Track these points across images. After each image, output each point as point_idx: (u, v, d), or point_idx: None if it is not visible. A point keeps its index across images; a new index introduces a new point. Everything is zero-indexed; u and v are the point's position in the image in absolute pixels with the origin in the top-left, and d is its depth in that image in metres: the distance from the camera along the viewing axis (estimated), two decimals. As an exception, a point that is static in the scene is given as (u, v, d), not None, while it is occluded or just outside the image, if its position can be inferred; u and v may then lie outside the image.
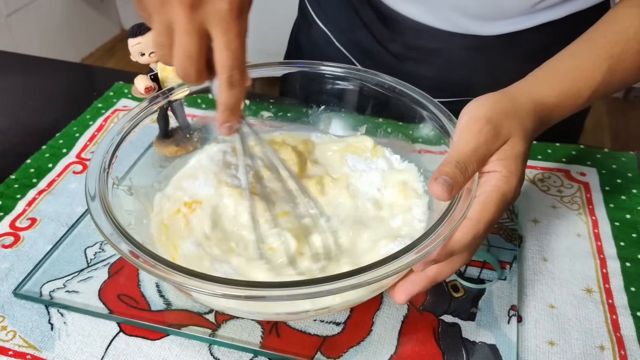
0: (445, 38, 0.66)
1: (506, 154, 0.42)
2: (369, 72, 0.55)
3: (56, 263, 0.51)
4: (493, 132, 0.41)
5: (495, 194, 0.40)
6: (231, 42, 0.38)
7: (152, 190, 0.52)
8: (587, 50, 0.50)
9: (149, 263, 0.38)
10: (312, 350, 0.44)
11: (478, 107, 0.43)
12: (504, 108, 0.43)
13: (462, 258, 0.41)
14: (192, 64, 0.39)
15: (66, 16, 2.33)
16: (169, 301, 0.48)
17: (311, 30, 0.77)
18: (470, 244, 0.40)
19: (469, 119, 0.43)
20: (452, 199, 0.40)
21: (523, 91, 0.46)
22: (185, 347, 0.45)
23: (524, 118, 0.44)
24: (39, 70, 0.82)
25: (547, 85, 0.47)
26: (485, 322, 0.47)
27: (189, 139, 0.59)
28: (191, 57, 0.38)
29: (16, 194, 0.59)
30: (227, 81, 0.39)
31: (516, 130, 0.43)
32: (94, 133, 0.67)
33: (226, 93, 0.40)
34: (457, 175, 0.39)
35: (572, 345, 0.45)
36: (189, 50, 0.38)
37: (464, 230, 0.39)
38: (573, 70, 0.48)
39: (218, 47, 0.38)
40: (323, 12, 0.76)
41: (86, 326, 0.46)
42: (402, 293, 0.41)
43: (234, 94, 0.40)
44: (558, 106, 0.47)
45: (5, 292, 0.49)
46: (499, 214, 0.40)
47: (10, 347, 0.45)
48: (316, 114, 0.60)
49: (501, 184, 0.40)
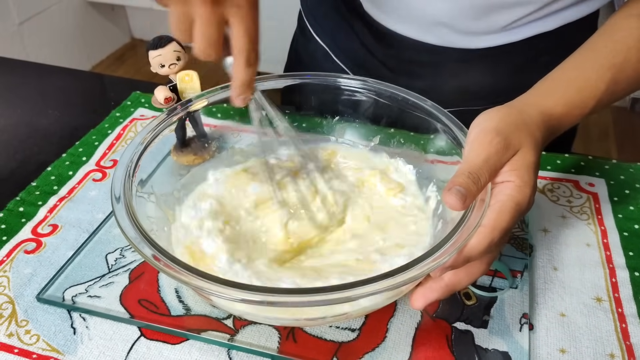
0: (436, 52, 0.68)
1: (518, 164, 0.43)
2: (383, 84, 0.57)
3: (78, 268, 0.53)
4: (503, 143, 0.43)
5: (509, 203, 0.41)
6: (248, 29, 0.43)
7: (172, 198, 0.54)
8: (590, 60, 0.51)
9: (171, 267, 0.39)
10: (328, 356, 0.46)
11: (487, 120, 0.45)
12: (513, 120, 0.45)
13: (479, 268, 0.43)
14: (212, 48, 0.44)
15: (77, 24, 2.36)
16: (188, 307, 0.49)
17: (310, 45, 0.80)
18: (486, 251, 0.41)
19: (479, 131, 0.44)
20: (466, 208, 0.41)
21: (530, 103, 0.48)
22: (204, 351, 0.46)
23: (533, 129, 0.45)
24: (56, 80, 0.84)
25: (553, 96, 0.49)
26: (497, 329, 0.48)
27: (206, 148, 0.60)
28: (212, 43, 0.44)
29: (37, 201, 0.60)
30: (246, 62, 0.45)
31: (526, 141, 0.44)
32: (113, 142, 0.69)
33: (244, 71, 0.46)
34: (470, 186, 0.41)
35: (583, 353, 0.46)
36: (210, 36, 0.43)
37: (479, 238, 0.40)
38: (577, 80, 0.50)
39: (237, 33, 0.44)
40: (320, 28, 0.78)
41: (108, 330, 0.48)
42: (420, 299, 0.42)
43: (250, 72, 0.46)
44: (565, 116, 0.48)
45: (29, 297, 0.50)
46: (514, 222, 0.42)
47: (34, 351, 0.46)
48: (330, 125, 0.61)
49: (515, 193, 0.42)
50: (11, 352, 0.46)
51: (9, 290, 0.51)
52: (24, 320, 0.49)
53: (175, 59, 0.56)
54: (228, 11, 0.42)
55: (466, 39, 0.65)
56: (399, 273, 0.38)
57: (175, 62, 0.56)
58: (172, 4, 0.43)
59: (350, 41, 0.74)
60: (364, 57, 0.74)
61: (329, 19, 0.77)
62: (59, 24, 2.27)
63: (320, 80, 0.59)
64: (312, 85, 0.59)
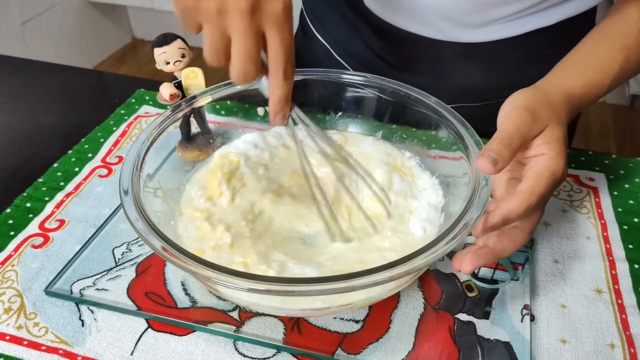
0: (436, 47, 0.69)
1: (549, 138, 0.46)
2: (385, 79, 0.58)
3: (85, 262, 0.53)
4: (532, 117, 0.46)
5: (546, 172, 0.44)
6: (285, 40, 0.42)
7: (178, 192, 0.54)
8: (603, 43, 0.55)
9: (179, 258, 0.40)
10: (333, 346, 0.46)
11: (516, 100, 0.49)
12: (539, 99, 0.48)
13: (522, 237, 0.46)
14: (252, 63, 0.42)
15: (79, 25, 2.37)
16: (195, 299, 0.50)
17: (311, 44, 0.81)
18: (523, 215, 0.44)
19: (509, 109, 0.47)
20: (498, 172, 0.44)
21: (552, 84, 0.51)
22: (211, 342, 0.47)
23: (557, 108, 0.49)
24: (61, 78, 0.85)
25: (572, 77, 0.53)
26: (499, 320, 0.48)
27: (210, 144, 0.61)
28: (251, 58, 0.42)
29: (44, 197, 0.61)
30: (283, 75, 0.44)
31: (553, 118, 0.47)
32: (118, 138, 0.70)
33: (282, 85, 0.44)
34: (501, 150, 0.44)
35: (584, 343, 0.47)
36: (249, 51, 0.41)
37: (518, 202, 0.43)
38: (593, 62, 0.54)
39: (273, 45, 0.42)
40: (322, 27, 0.79)
41: (116, 322, 0.48)
42: (469, 263, 0.44)
43: (287, 85, 0.45)
44: (584, 95, 0.52)
45: (37, 291, 0.51)
46: (550, 190, 0.45)
47: (43, 343, 0.47)
48: (334, 120, 0.62)
49: (550, 164, 0.45)
50: (20, 344, 0.47)
51: (17, 283, 0.52)
52: (32, 313, 0.49)
53: (180, 56, 0.57)
54: (265, 22, 0.41)
55: (467, 33, 0.66)
56: (400, 264, 0.39)
57: (180, 59, 0.57)
58: (206, 23, 0.41)
59: (352, 39, 0.75)
60: (366, 54, 0.74)
61: (331, 17, 0.77)
62: (60, 24, 2.28)
63: (323, 77, 0.60)
64: (314, 81, 0.60)
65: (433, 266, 0.53)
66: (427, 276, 0.52)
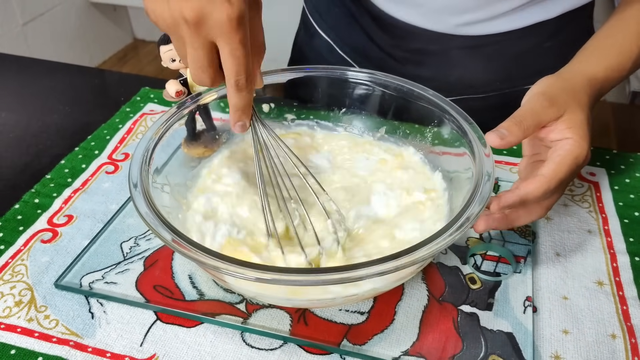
0: (440, 40, 0.70)
1: (572, 122, 0.48)
2: (389, 76, 0.58)
3: (94, 256, 0.54)
4: (548, 101, 0.48)
5: (568, 156, 0.46)
6: (234, 50, 0.42)
7: (185, 187, 0.55)
8: (621, 29, 0.57)
9: (188, 249, 0.41)
10: (339, 337, 0.47)
11: (536, 86, 0.51)
12: (559, 85, 0.50)
13: (538, 211, 0.49)
14: (204, 72, 0.43)
15: (80, 25, 2.38)
16: (202, 292, 0.51)
17: (314, 41, 0.81)
18: (542, 198, 0.46)
19: (529, 95, 0.50)
20: (507, 146, 0.46)
21: (575, 71, 0.53)
22: (219, 334, 0.48)
23: (578, 92, 0.50)
24: (66, 77, 0.86)
25: (594, 62, 0.54)
26: (502, 312, 0.49)
27: (215, 141, 0.62)
28: (202, 67, 0.43)
29: (52, 193, 0.62)
30: (235, 86, 0.44)
31: (572, 102, 0.49)
32: (124, 136, 0.71)
33: (235, 96, 0.45)
34: (511, 126, 0.47)
35: (585, 334, 0.48)
36: (199, 61, 0.43)
37: (537, 185, 0.45)
38: (613, 47, 0.56)
39: (223, 55, 0.43)
40: (325, 23, 0.80)
41: (125, 315, 0.49)
42: (483, 223, 0.47)
43: (242, 97, 0.45)
44: (607, 79, 0.54)
45: (47, 284, 0.52)
46: (571, 174, 0.47)
47: (54, 335, 0.48)
48: (337, 117, 0.63)
49: (574, 148, 0.47)
50: (32, 335, 0.48)
51: (27, 277, 0.53)
52: (42, 306, 0.50)
53: (186, 54, 0.57)
54: (213, 33, 0.41)
55: (471, 26, 0.67)
56: (405, 255, 0.40)
57: (186, 56, 0.58)
58: (171, 36, 0.44)
59: (355, 34, 0.76)
60: (369, 48, 0.75)
61: (334, 13, 0.78)
62: (62, 24, 2.28)
63: (327, 73, 0.60)
64: (318, 78, 0.61)
65: (436, 259, 0.54)
66: (431, 269, 0.53)
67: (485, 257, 0.55)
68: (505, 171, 0.65)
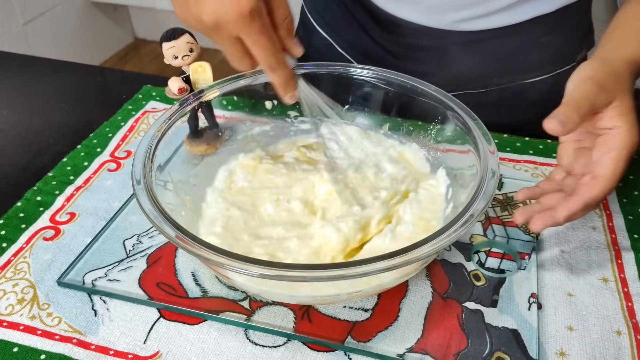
0: (438, 36, 0.70)
1: (621, 109, 0.47)
2: (392, 72, 0.58)
3: (97, 254, 0.54)
4: (598, 86, 0.47)
5: (624, 150, 0.46)
6: (256, 40, 0.46)
7: (188, 184, 0.55)
8: None
9: (192, 245, 0.40)
10: (343, 335, 0.47)
11: (581, 72, 0.50)
12: (604, 70, 0.49)
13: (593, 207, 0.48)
14: (240, 62, 0.49)
15: (81, 25, 2.38)
16: (205, 289, 0.51)
17: (313, 38, 0.81)
18: (604, 198, 0.46)
19: (576, 81, 0.49)
20: (567, 133, 0.46)
21: (613, 53, 0.52)
22: (222, 331, 0.47)
23: (622, 77, 0.50)
24: (68, 75, 0.86)
25: (631, 45, 0.53)
26: (506, 308, 0.49)
27: (218, 138, 0.61)
28: (237, 59, 0.48)
29: (54, 190, 0.62)
30: (268, 69, 0.49)
31: (620, 88, 0.48)
32: (126, 133, 0.70)
33: (272, 76, 0.50)
34: (570, 113, 0.45)
35: (590, 331, 0.48)
36: (232, 54, 0.48)
37: (600, 188, 0.46)
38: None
39: (248, 46, 0.47)
40: (323, 21, 0.80)
41: (128, 312, 0.49)
42: (539, 222, 0.47)
43: (278, 75, 0.50)
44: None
45: (49, 282, 0.52)
46: (627, 165, 0.47)
47: (56, 332, 0.48)
48: (341, 113, 0.63)
49: (626, 139, 0.46)
50: (34, 333, 0.47)
51: (30, 275, 0.52)
52: (45, 304, 0.50)
53: (188, 51, 0.57)
54: (233, 30, 0.45)
55: (467, 22, 0.67)
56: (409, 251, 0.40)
57: (188, 53, 0.57)
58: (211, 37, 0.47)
59: (354, 31, 0.76)
60: (368, 45, 0.75)
61: (332, 11, 0.78)
62: (62, 24, 2.28)
63: (330, 70, 0.60)
64: (322, 75, 0.60)
65: (440, 256, 0.54)
66: (435, 266, 0.53)
67: (490, 254, 0.54)
68: (509, 168, 0.65)
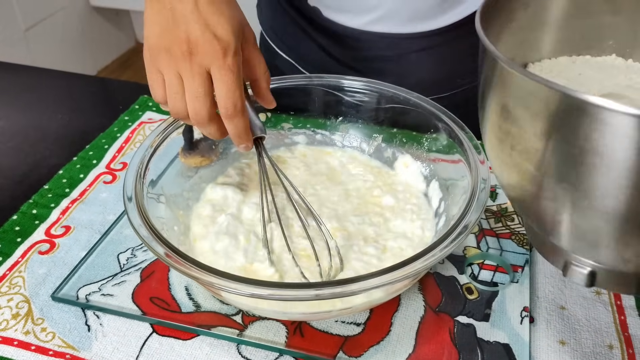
0: (397, 44, 0.70)
1: None
2: (385, 84, 0.58)
3: (91, 268, 0.54)
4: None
5: None
6: (226, 81, 0.44)
7: (182, 198, 0.55)
8: None
9: (182, 264, 0.41)
10: (335, 349, 0.47)
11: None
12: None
13: None
14: (201, 103, 0.44)
15: (82, 30, 2.38)
16: (198, 303, 0.51)
17: (276, 61, 0.81)
18: None
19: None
20: None
21: None
22: (215, 346, 0.48)
23: None
24: (64, 85, 0.86)
25: None
26: (498, 322, 0.49)
27: (212, 150, 0.62)
28: (199, 97, 0.44)
29: (50, 203, 0.62)
30: (225, 114, 0.46)
31: None
32: (122, 145, 0.71)
33: (227, 124, 0.47)
34: None
35: (582, 345, 0.48)
36: (196, 90, 0.44)
37: None
38: None
39: (215, 81, 0.44)
40: (283, 44, 0.80)
41: (121, 327, 0.49)
42: None
43: (234, 124, 0.47)
44: None
45: (43, 296, 0.52)
46: None
47: (50, 347, 0.48)
48: (334, 125, 0.63)
49: None
50: (28, 349, 0.48)
51: (25, 289, 0.53)
52: (39, 319, 0.50)
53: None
54: (205, 60, 0.43)
55: (424, 22, 0.68)
56: (400, 267, 0.40)
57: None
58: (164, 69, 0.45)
59: (313, 51, 0.76)
60: (329, 63, 0.75)
61: (289, 34, 0.78)
62: (64, 29, 2.29)
63: (322, 82, 0.61)
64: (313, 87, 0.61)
65: (433, 269, 0.54)
66: (428, 279, 0.53)
67: (483, 266, 0.54)
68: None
